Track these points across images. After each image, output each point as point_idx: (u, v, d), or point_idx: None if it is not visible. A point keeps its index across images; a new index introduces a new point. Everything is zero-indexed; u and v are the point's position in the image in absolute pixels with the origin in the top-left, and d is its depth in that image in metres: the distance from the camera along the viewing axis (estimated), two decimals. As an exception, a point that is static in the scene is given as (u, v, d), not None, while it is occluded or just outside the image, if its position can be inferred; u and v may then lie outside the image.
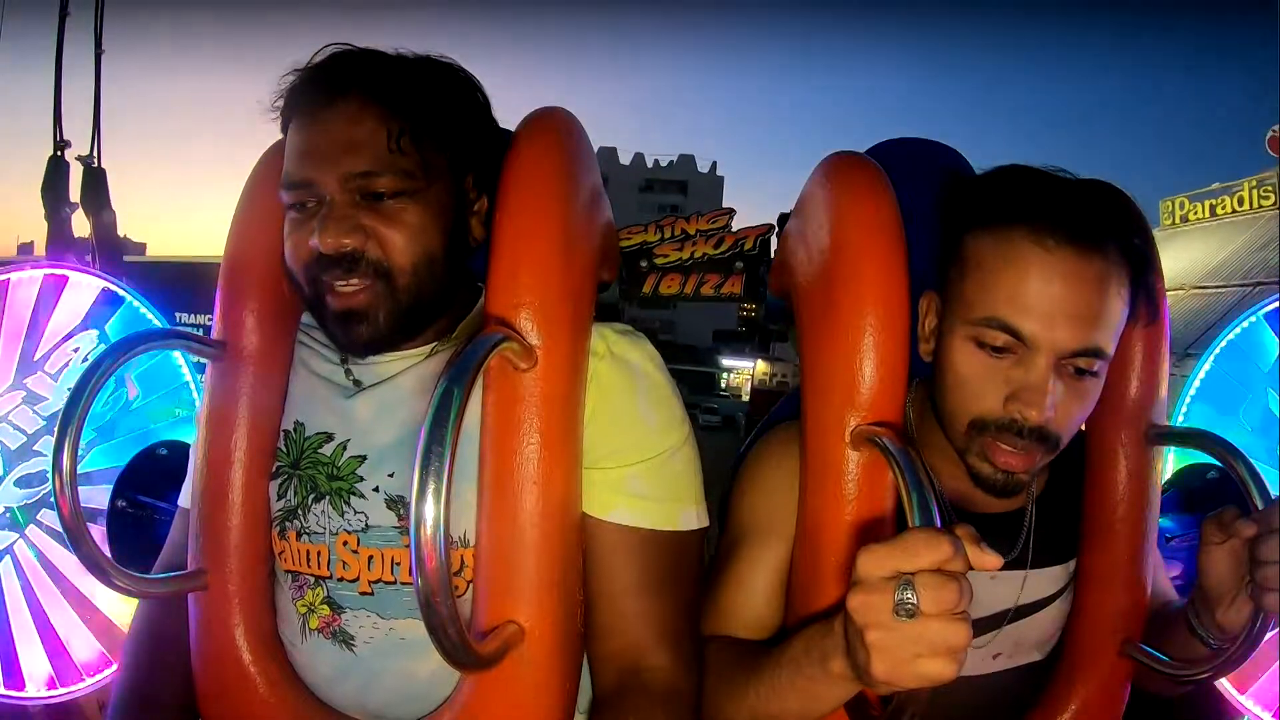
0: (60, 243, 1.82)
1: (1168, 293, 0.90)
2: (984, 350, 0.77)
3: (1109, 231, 0.76)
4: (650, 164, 59.14)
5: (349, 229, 0.75)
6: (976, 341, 0.78)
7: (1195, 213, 15.68)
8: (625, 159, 59.18)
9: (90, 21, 1.90)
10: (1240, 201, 14.66)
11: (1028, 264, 0.75)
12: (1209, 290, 12.73)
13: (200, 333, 0.90)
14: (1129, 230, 0.77)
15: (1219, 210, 15.14)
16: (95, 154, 1.91)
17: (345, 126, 0.76)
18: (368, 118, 0.76)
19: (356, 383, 0.85)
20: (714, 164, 59.96)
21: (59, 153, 1.85)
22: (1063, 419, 0.77)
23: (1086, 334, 0.74)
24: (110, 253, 1.88)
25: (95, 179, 1.91)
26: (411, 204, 0.77)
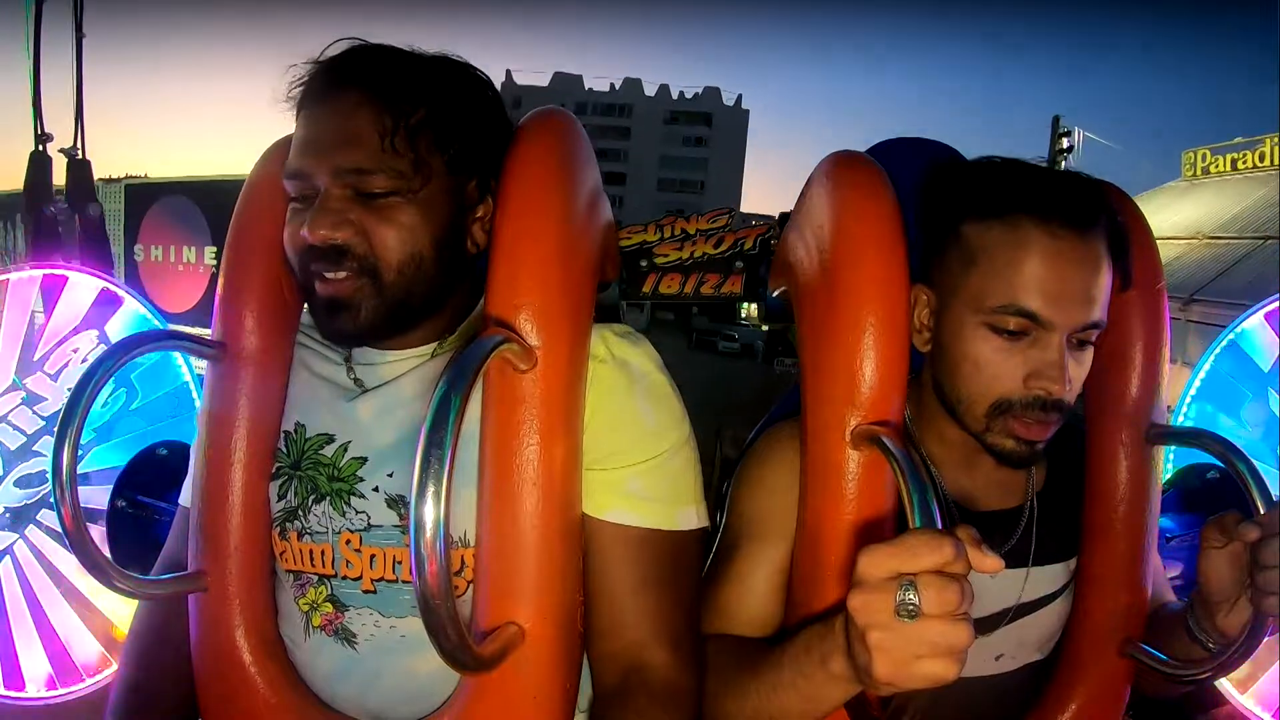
0: (45, 240, 1.75)
1: (1182, 240, 0.95)
2: (999, 335, 0.81)
3: (1100, 216, 0.81)
4: (675, 95, 58.79)
5: (337, 223, 0.75)
6: (991, 327, 0.81)
7: (1216, 165, 15.80)
8: (650, 90, 58.85)
9: (68, 6, 1.76)
10: (1262, 157, 14.73)
11: (1038, 251, 0.79)
12: (1220, 240, 12.99)
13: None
14: (1113, 213, 0.83)
15: (1240, 165, 15.25)
16: (79, 146, 1.81)
17: (341, 120, 0.76)
18: (364, 113, 0.76)
19: (358, 382, 0.85)
20: (739, 97, 59.76)
21: (40, 147, 1.76)
22: (1074, 387, 0.82)
23: (1090, 310, 0.80)
24: (98, 247, 1.80)
25: (79, 172, 1.81)
26: (403, 203, 0.77)
